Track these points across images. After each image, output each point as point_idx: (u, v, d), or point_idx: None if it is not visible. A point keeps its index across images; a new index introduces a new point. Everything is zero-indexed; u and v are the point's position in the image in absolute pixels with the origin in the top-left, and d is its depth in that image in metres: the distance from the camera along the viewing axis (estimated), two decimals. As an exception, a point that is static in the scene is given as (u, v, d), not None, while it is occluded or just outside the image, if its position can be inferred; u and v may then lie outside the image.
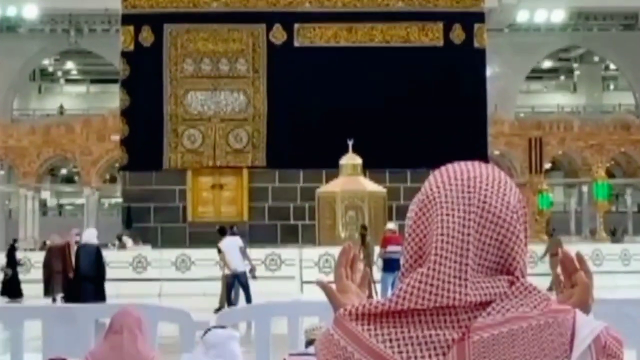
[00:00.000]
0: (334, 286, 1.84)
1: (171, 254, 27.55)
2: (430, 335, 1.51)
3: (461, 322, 1.52)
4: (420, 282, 1.54)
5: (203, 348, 4.90)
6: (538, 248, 26.24)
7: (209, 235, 30.82)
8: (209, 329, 5.03)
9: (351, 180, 29.44)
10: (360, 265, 1.97)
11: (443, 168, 1.68)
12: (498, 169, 1.67)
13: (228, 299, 20.53)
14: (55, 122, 43.71)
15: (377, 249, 22.03)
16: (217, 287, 22.25)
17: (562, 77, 62.86)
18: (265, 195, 33.03)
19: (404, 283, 1.56)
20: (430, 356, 1.51)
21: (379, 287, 20.98)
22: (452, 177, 1.63)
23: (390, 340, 1.52)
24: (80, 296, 18.74)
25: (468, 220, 1.56)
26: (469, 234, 1.55)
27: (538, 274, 22.95)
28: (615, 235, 36.31)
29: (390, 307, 1.54)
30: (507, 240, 1.58)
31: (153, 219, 32.89)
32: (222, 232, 21.60)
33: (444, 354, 1.50)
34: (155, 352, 5.28)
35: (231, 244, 20.71)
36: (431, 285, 1.53)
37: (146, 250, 28.17)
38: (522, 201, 1.65)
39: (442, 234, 1.56)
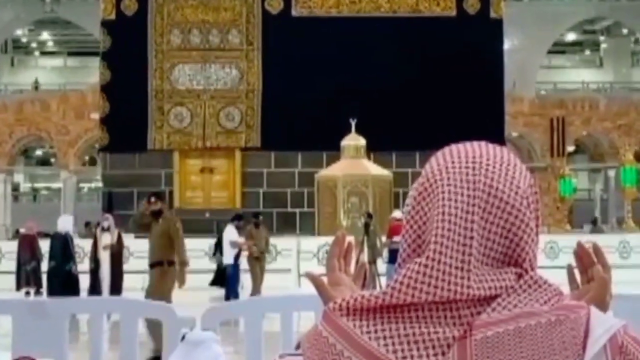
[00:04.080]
0: (325, 279, 1.84)
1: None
2: (429, 333, 1.50)
3: (463, 319, 1.51)
4: (418, 273, 1.53)
5: (184, 350, 4.91)
6: (560, 238, 26.25)
7: (198, 223, 30.89)
8: (184, 334, 5.06)
9: (354, 164, 29.45)
10: (361, 258, 1.97)
11: (446, 149, 1.67)
12: (507, 150, 1.66)
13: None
14: (29, 98, 43.67)
15: (383, 239, 22.12)
16: (207, 281, 22.52)
17: (587, 51, 62.80)
18: (260, 179, 33.03)
19: (400, 274, 1.54)
20: (428, 355, 1.50)
21: (384, 280, 21.03)
22: (456, 158, 1.62)
23: (384, 338, 1.51)
24: (53, 290, 18.82)
25: (472, 206, 1.55)
26: (472, 221, 1.54)
27: (560, 267, 22.96)
28: (596, 225, 36.16)
29: (384, 301, 1.53)
30: (515, 229, 1.56)
31: (136, 205, 32.85)
32: (237, 218, 22.20)
33: (443, 354, 1.49)
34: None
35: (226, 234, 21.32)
36: (430, 276, 1.52)
37: (129, 240, 28.12)
38: (534, 186, 1.63)
39: (443, 220, 1.55)
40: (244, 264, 21.89)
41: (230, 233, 21.35)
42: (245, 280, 22.45)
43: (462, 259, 1.52)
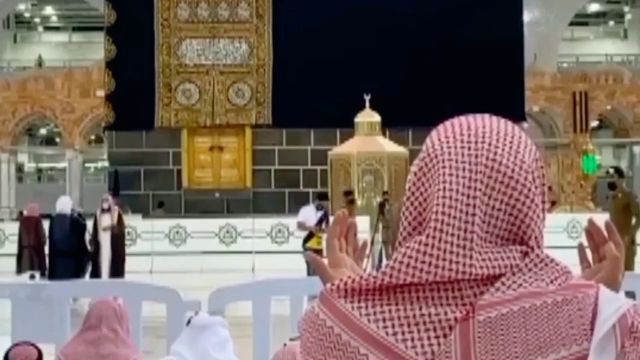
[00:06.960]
0: (326, 260, 1.83)
1: (164, 224, 27.60)
2: (430, 314, 1.50)
3: (465, 299, 1.50)
4: (418, 251, 1.52)
5: (190, 335, 4.91)
6: (583, 217, 26.13)
7: (206, 203, 30.99)
8: (190, 318, 5.06)
9: (368, 141, 29.39)
10: (376, 238, 1.95)
11: (447, 122, 1.65)
12: (511, 123, 1.64)
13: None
14: (32, 76, 43.64)
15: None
16: (216, 263, 22.52)
17: (611, 22, 62.41)
18: (271, 158, 33.02)
19: (400, 253, 1.53)
20: (429, 338, 1.49)
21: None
22: (457, 132, 1.61)
23: (384, 320, 1.50)
24: (54, 273, 18.81)
25: (474, 181, 1.54)
26: (475, 197, 1.53)
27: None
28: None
29: (383, 281, 1.52)
30: (519, 205, 1.55)
31: (144, 185, 32.94)
32: (321, 197, 21.42)
33: (445, 335, 1.49)
34: (138, 353, 5.26)
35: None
36: (431, 255, 1.51)
37: (136, 221, 28.20)
38: (539, 160, 1.62)
39: (444, 197, 1.53)
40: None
41: (302, 214, 20.56)
42: None
43: (464, 237, 1.51)
